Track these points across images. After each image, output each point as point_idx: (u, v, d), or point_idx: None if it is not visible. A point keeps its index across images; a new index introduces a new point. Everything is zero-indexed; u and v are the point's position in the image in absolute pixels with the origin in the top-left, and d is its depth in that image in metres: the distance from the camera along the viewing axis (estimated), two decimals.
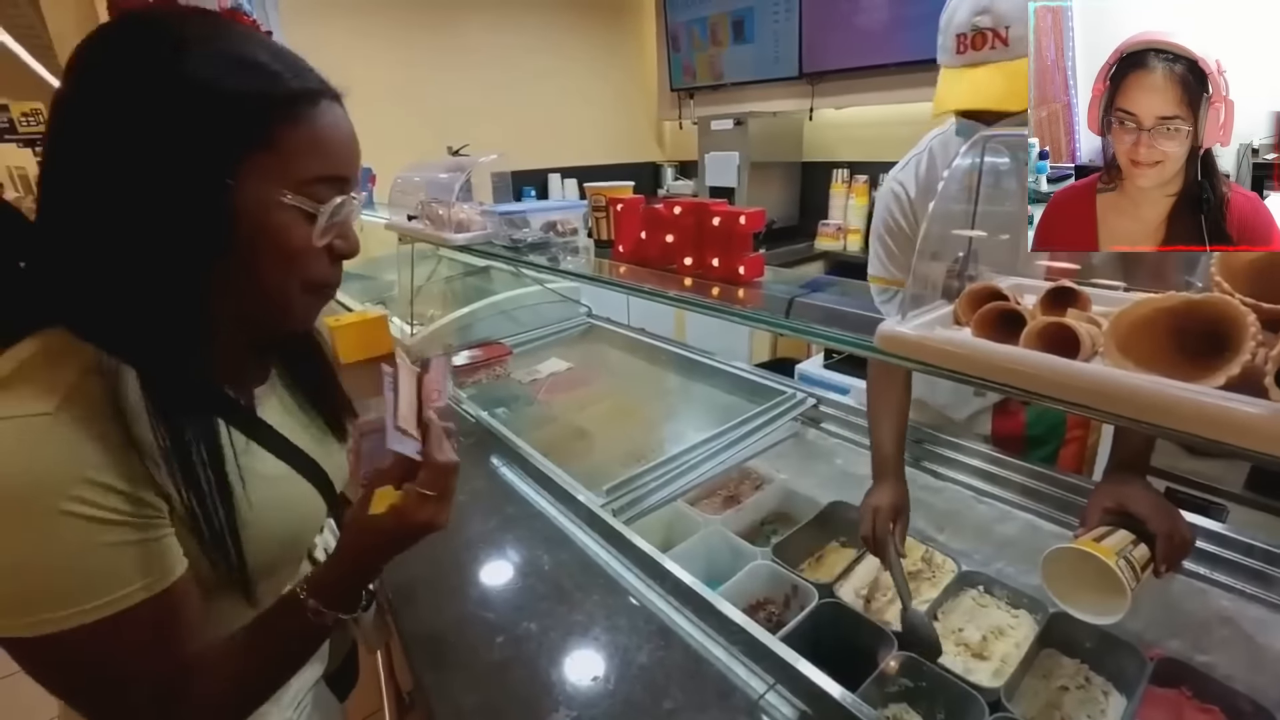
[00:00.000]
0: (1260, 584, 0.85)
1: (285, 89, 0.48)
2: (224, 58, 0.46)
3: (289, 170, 0.49)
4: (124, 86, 0.44)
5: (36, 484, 0.43)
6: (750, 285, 0.72)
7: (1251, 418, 0.31)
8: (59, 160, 0.46)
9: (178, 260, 0.47)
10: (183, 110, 0.44)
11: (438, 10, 3.05)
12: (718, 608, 0.81)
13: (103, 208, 0.45)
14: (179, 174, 0.45)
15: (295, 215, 0.50)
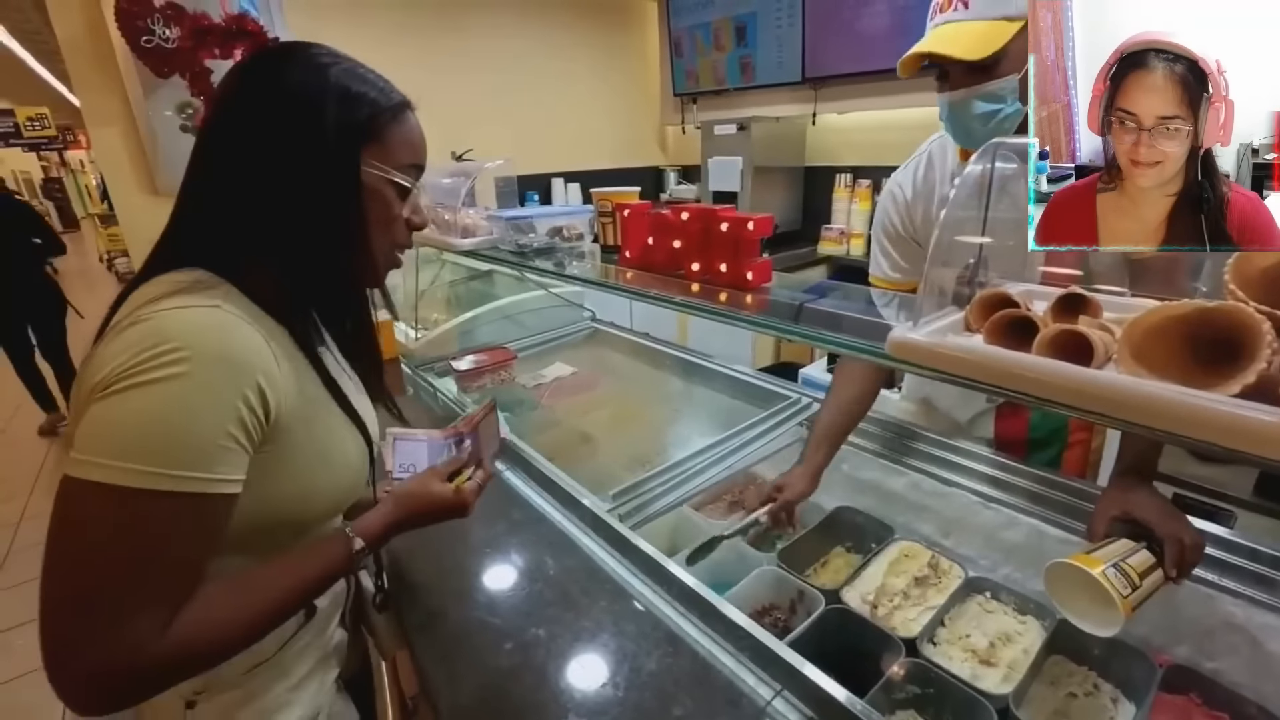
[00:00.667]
0: (1269, 590, 0.85)
1: (390, 100, 0.66)
2: (354, 75, 0.64)
3: (391, 158, 0.65)
4: (291, 91, 0.61)
5: (241, 360, 0.54)
6: (758, 291, 0.72)
7: (1269, 426, 0.31)
8: (234, 142, 0.61)
9: (326, 215, 0.62)
10: (331, 111, 0.61)
11: (441, 16, 3.06)
12: (725, 613, 0.80)
13: (272, 179, 0.60)
14: (328, 155, 0.61)
15: (393, 191, 0.66)
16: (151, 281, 0.60)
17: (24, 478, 3.37)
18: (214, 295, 0.57)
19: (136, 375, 0.50)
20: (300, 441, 0.62)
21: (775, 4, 2.90)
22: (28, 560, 2.66)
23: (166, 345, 0.51)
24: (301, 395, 0.62)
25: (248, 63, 0.64)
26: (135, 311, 0.54)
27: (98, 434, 0.50)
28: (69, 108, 9.53)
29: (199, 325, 0.53)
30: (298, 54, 0.63)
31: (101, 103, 2.34)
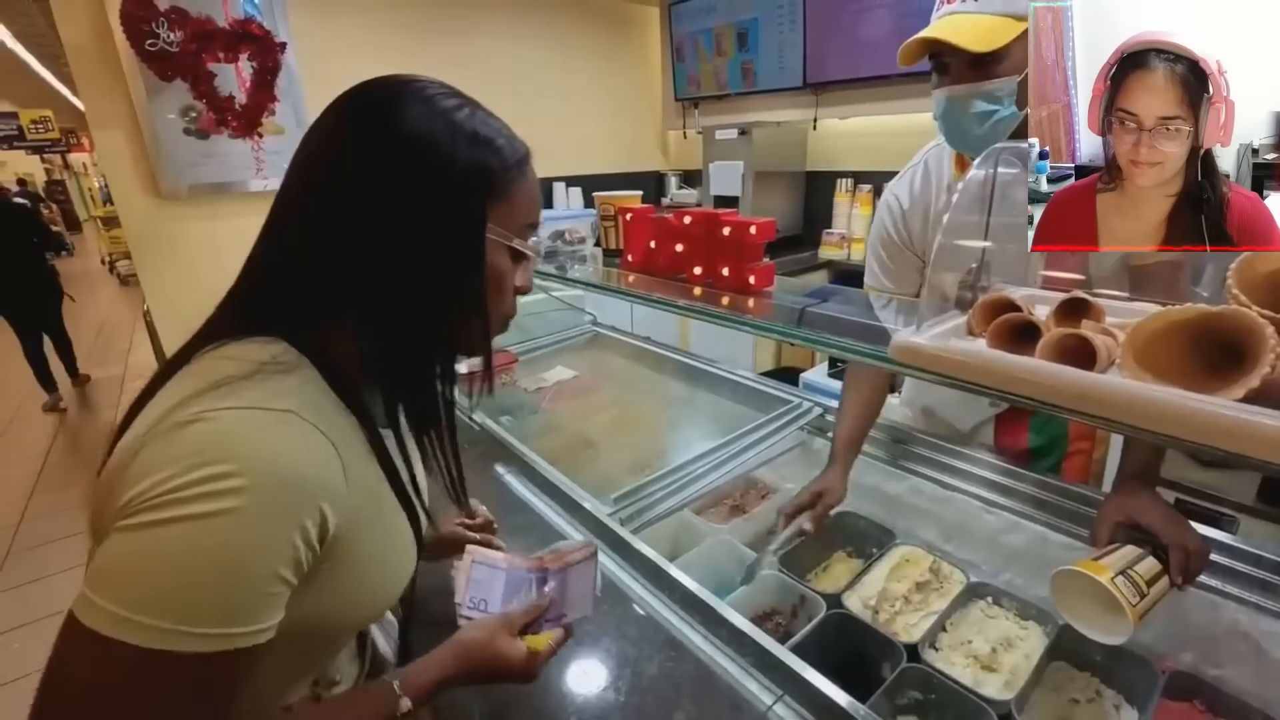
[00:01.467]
0: (1273, 596, 0.84)
1: (515, 150, 0.56)
2: (480, 118, 0.55)
3: (514, 217, 0.56)
4: (411, 133, 0.51)
5: (307, 486, 0.45)
6: (760, 295, 0.72)
7: (1274, 430, 0.31)
8: (340, 192, 0.51)
9: (443, 281, 0.53)
10: (460, 160, 0.52)
11: (445, 22, 3.07)
12: (726, 618, 0.80)
13: (384, 236, 0.51)
14: (452, 211, 0.52)
15: (508, 254, 0.57)
16: (223, 350, 0.50)
17: (24, 479, 3.37)
18: (288, 387, 0.48)
19: (181, 504, 0.41)
20: (354, 553, 0.52)
21: (777, 10, 2.91)
22: (27, 562, 2.65)
23: (222, 467, 0.42)
24: (364, 499, 0.52)
25: (354, 99, 0.54)
26: (198, 398, 0.45)
27: (120, 573, 0.41)
28: (73, 111, 9.58)
29: (265, 442, 0.44)
30: (412, 91, 0.53)
31: (105, 105, 2.35)
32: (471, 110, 0.54)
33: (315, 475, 0.46)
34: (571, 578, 0.72)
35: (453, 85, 0.56)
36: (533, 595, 0.70)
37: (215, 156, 2.49)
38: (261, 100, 2.33)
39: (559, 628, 0.70)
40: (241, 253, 0.56)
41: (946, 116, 0.92)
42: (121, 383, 4.82)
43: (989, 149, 0.50)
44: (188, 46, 2.12)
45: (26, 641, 2.17)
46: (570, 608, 0.72)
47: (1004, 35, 0.81)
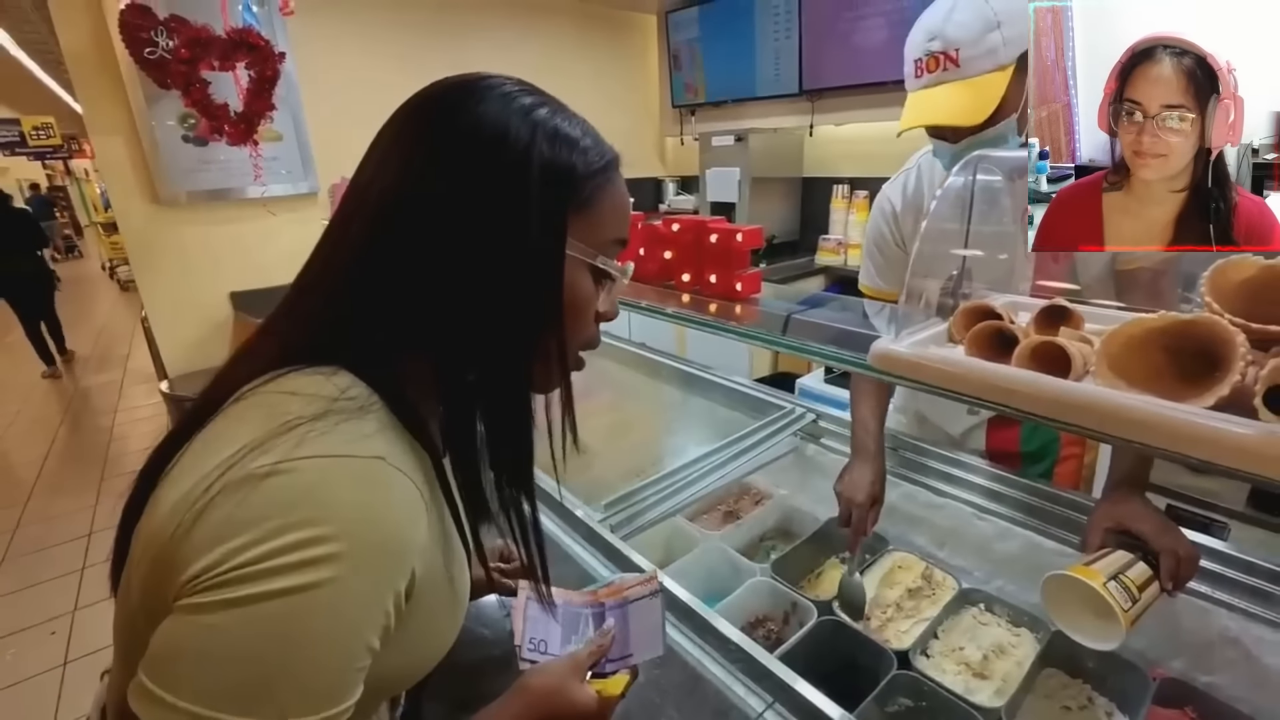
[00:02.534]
0: (1264, 603, 0.84)
1: (605, 154, 0.50)
2: (563, 115, 0.49)
3: (598, 232, 0.49)
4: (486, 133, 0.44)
5: (401, 544, 0.39)
6: (747, 302, 0.73)
7: (1240, 438, 0.32)
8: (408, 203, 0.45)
9: (522, 311, 0.46)
10: (537, 160, 0.45)
11: (444, 31, 3.09)
12: (715, 626, 0.80)
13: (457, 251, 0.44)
14: (526, 221, 0.45)
15: (590, 273, 0.50)
16: (281, 383, 0.43)
17: (23, 483, 3.37)
18: (370, 428, 0.41)
19: (267, 576, 0.34)
20: (425, 605, 0.45)
21: (773, 18, 2.93)
22: (24, 567, 2.65)
23: (314, 530, 0.35)
24: (437, 545, 0.47)
25: (420, 100, 0.48)
26: (269, 444, 0.38)
27: (197, 662, 0.35)
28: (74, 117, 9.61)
29: (359, 497, 0.38)
30: (484, 86, 0.47)
31: (105, 112, 2.36)
32: (552, 109, 0.48)
33: (410, 530, 0.40)
34: (633, 614, 0.67)
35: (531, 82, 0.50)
36: (590, 631, 0.66)
37: (214, 163, 2.50)
38: (259, 108, 2.34)
39: (625, 669, 0.64)
40: (239, 259, 0.52)
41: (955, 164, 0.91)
42: (120, 388, 4.83)
43: (968, 156, 0.51)
44: (180, 54, 2.13)
45: (23, 646, 2.17)
46: (636, 647, 0.65)
47: (996, 93, 0.81)
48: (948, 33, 0.83)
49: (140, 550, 0.40)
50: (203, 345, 2.72)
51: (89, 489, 3.25)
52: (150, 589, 0.38)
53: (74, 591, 2.46)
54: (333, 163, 2.74)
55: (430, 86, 0.48)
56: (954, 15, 0.84)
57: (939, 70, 0.84)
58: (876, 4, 2.54)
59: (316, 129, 2.68)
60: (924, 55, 0.86)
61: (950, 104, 0.83)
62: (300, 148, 2.67)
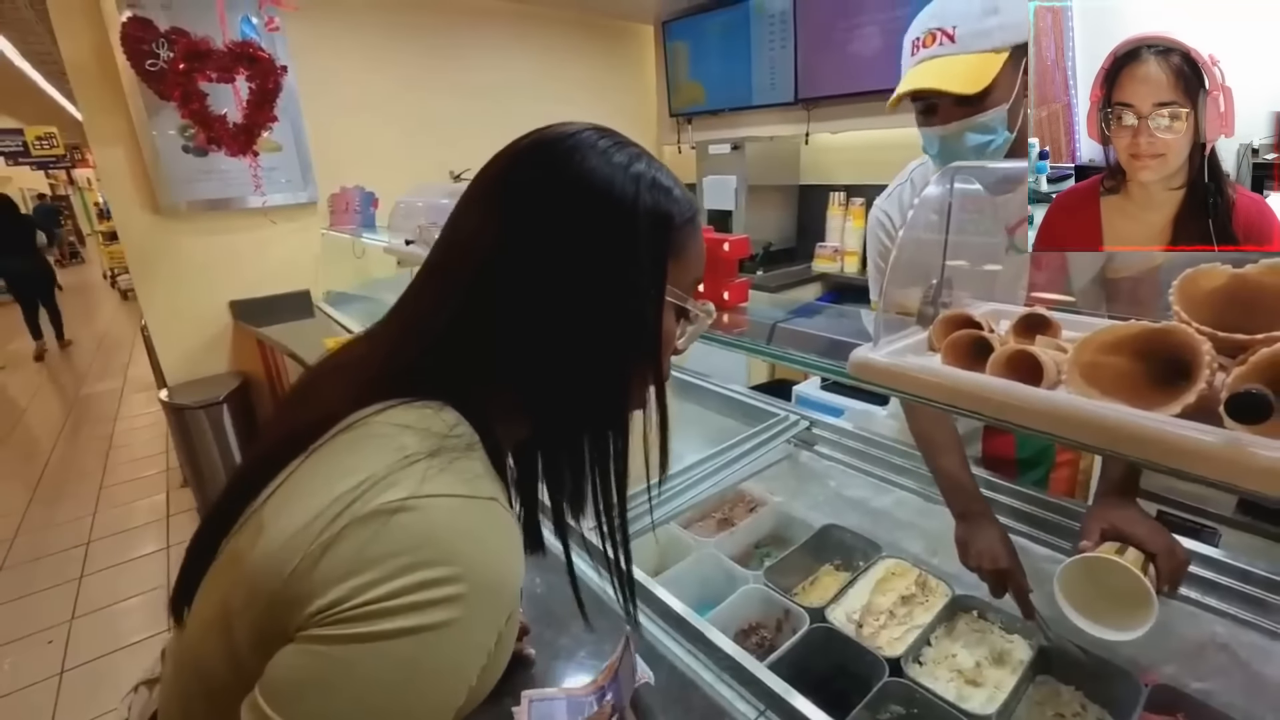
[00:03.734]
0: (1256, 609, 0.84)
1: (691, 204, 0.53)
2: (659, 169, 0.50)
3: (686, 273, 0.52)
4: (597, 188, 0.46)
5: (512, 584, 0.41)
6: (735, 311, 0.73)
7: (1203, 445, 0.32)
8: (518, 249, 0.46)
9: (628, 353, 0.49)
10: (644, 215, 0.47)
11: (443, 40, 3.12)
12: (706, 635, 0.80)
13: (567, 297, 0.46)
14: (638, 270, 0.47)
15: (675, 313, 0.53)
16: (391, 415, 0.44)
17: (21, 491, 3.38)
18: (479, 468, 0.43)
19: (397, 614, 0.35)
20: (502, 643, 0.46)
21: (768, 27, 2.95)
22: (21, 576, 2.65)
23: (442, 570, 0.36)
24: None
25: (518, 155, 0.49)
26: (392, 479, 0.39)
27: (323, 691, 0.36)
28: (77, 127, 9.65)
29: (480, 539, 0.39)
30: (578, 139, 0.49)
31: (106, 123, 2.39)
32: (647, 159, 0.50)
33: (519, 574, 0.42)
34: (621, 675, 0.73)
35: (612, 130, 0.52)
36: (594, 709, 0.72)
37: (214, 173, 2.52)
38: (259, 119, 2.36)
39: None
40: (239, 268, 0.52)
41: (942, 153, 0.92)
42: (120, 396, 4.84)
43: (944, 167, 0.52)
44: (176, 65, 2.16)
45: (20, 656, 2.16)
46: (625, 697, 0.72)
47: (989, 71, 0.82)
48: (947, 12, 0.86)
49: (244, 574, 0.40)
50: (202, 354, 2.73)
51: (88, 497, 3.25)
52: (265, 616, 0.39)
53: (71, 600, 2.46)
54: (331, 172, 2.76)
55: (523, 141, 0.50)
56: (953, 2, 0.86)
57: (935, 45, 0.86)
58: (870, 14, 2.57)
59: (316, 139, 2.70)
60: (922, 34, 0.88)
61: (943, 72, 0.84)
62: (300, 157, 2.69)
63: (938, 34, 0.85)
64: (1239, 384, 0.33)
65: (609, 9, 3.50)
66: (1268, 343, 0.34)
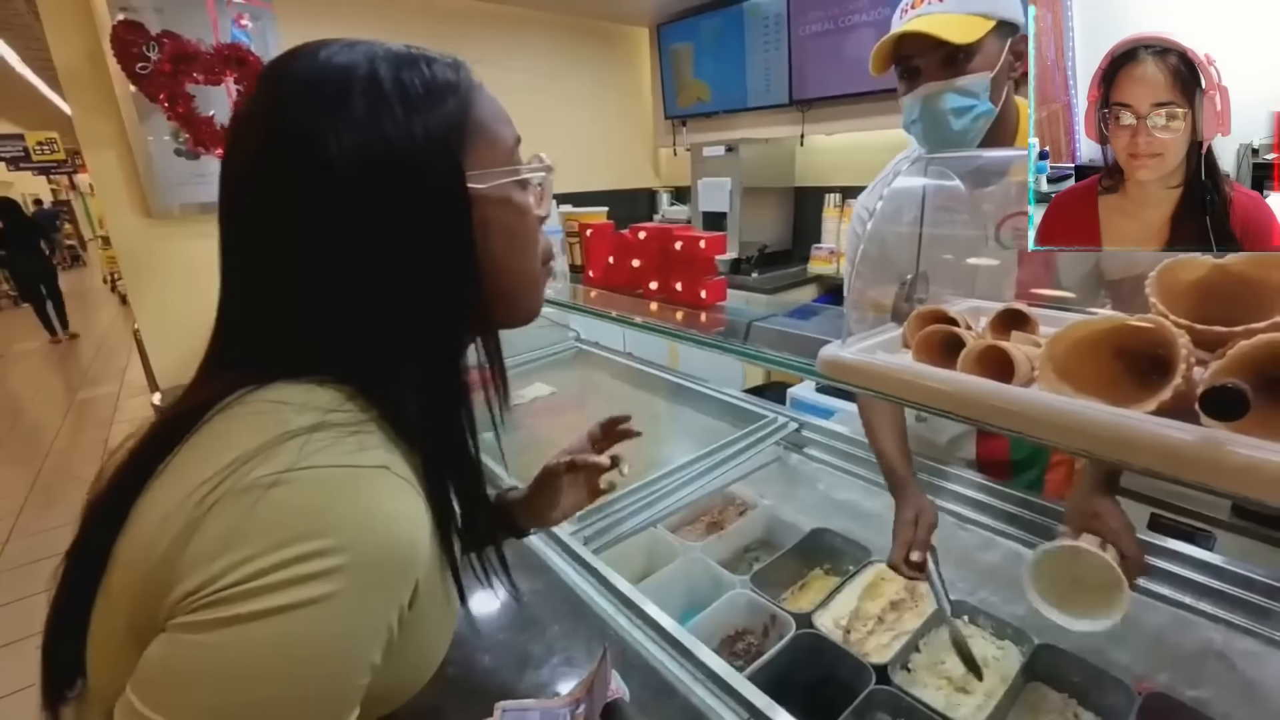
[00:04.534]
0: (1250, 615, 0.82)
1: (456, 62, 0.47)
2: (402, 58, 0.44)
3: (496, 151, 0.46)
4: (333, 139, 0.39)
5: (406, 556, 0.37)
6: (713, 309, 0.72)
7: (1177, 443, 0.30)
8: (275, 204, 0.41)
9: (448, 291, 0.43)
10: (405, 136, 0.41)
11: (436, 43, 3.09)
12: (686, 645, 0.78)
13: (358, 257, 0.41)
14: (425, 198, 0.41)
15: (513, 190, 0.46)
16: (274, 392, 0.41)
17: (14, 496, 3.36)
18: (372, 439, 0.40)
19: (269, 592, 0.33)
20: (421, 620, 0.43)
21: (762, 29, 2.94)
22: (15, 580, 2.64)
23: (318, 543, 0.34)
24: (434, 556, 0.44)
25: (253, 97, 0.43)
26: (267, 453, 0.36)
27: (194, 681, 0.33)
28: None
29: (364, 508, 0.36)
30: (308, 58, 0.43)
31: (97, 126, 2.38)
32: (393, 50, 0.44)
33: (415, 542, 0.39)
34: (595, 689, 0.72)
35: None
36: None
37: (206, 176, 2.51)
38: None
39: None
40: None
41: (924, 117, 0.90)
42: (117, 400, 4.83)
43: (917, 158, 0.50)
44: (163, 67, 2.15)
45: (15, 660, 2.15)
46: (597, 708, 0.71)
47: (977, 30, 0.82)
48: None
49: (123, 567, 0.38)
50: (195, 358, 2.65)
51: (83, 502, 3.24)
52: (139, 606, 0.36)
53: None
54: None
55: (260, 78, 0.44)
56: None
57: (924, 5, 0.87)
58: (864, 15, 2.56)
59: None
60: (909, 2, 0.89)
61: (929, 22, 0.84)
62: None
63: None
64: (1216, 379, 0.31)
65: (603, 12, 3.50)
66: (1246, 335, 0.32)
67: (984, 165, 0.65)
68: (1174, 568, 0.87)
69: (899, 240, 0.51)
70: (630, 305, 0.81)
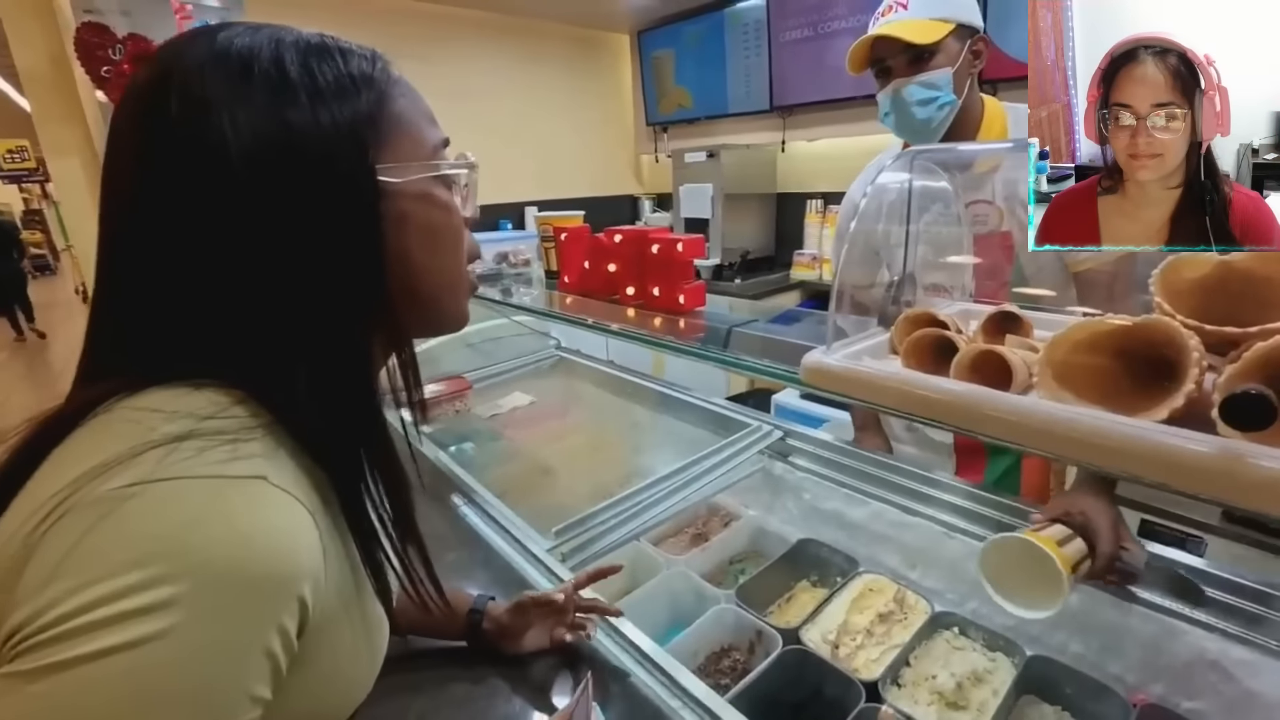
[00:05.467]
0: (1246, 624, 0.80)
1: (376, 62, 0.44)
2: (314, 49, 0.41)
3: (418, 147, 0.43)
4: (230, 134, 0.36)
5: (282, 575, 0.33)
6: (691, 315, 0.69)
7: (1195, 456, 0.27)
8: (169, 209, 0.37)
9: (346, 285, 0.40)
10: (310, 125, 0.38)
11: (416, 49, 3.08)
12: (666, 668, 0.74)
13: (249, 249, 0.37)
14: (326, 189, 0.39)
15: (434, 186, 0.44)
16: (144, 399, 0.37)
17: None
18: (254, 447, 0.36)
19: (99, 628, 0.28)
20: (330, 644, 0.39)
21: (742, 36, 2.95)
22: None
23: (155, 569, 0.30)
24: (341, 575, 0.41)
25: (150, 88, 0.38)
26: (125, 464, 0.32)
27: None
28: None
29: (220, 522, 0.32)
30: (206, 38, 0.39)
31: (61, 133, 2.32)
32: (284, 43, 0.40)
33: (293, 561, 0.34)
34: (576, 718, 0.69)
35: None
36: None
37: None
38: None
39: None
40: None
41: (895, 108, 1.05)
42: None
43: (902, 152, 0.47)
44: (123, 68, 2.09)
45: None
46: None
47: (938, 32, 0.98)
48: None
49: None
50: None
51: None
52: None
53: None
54: None
55: (149, 67, 0.39)
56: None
57: (891, 14, 1.02)
58: (843, 21, 2.57)
59: None
60: (882, 7, 1.05)
61: (897, 27, 0.99)
62: None
63: (894, 5, 1.02)
64: (1234, 384, 0.28)
65: (584, 19, 3.49)
66: (1263, 336, 0.30)
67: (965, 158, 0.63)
68: (1166, 575, 0.85)
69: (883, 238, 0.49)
70: (607, 311, 0.78)
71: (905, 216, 0.48)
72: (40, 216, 14.51)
